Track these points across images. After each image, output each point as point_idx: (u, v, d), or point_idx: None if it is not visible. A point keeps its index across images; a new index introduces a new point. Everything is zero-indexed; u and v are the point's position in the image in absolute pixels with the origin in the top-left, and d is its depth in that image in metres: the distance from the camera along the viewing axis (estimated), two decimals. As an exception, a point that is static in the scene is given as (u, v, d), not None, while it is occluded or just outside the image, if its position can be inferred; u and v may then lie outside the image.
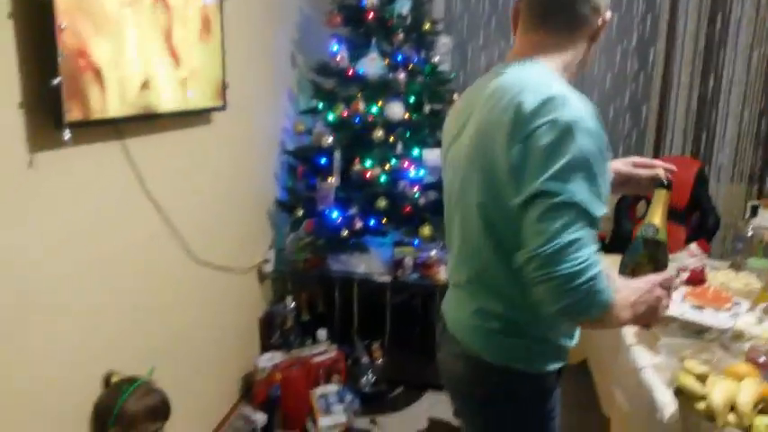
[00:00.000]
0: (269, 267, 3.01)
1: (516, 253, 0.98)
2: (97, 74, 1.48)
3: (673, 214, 2.99)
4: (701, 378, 1.11)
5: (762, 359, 1.29)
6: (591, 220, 0.95)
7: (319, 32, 3.24)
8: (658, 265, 1.15)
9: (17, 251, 1.37)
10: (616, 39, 3.63)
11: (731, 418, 1.05)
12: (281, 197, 3.15)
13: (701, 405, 1.08)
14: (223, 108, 2.27)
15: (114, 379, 1.72)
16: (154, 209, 1.94)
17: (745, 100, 3.50)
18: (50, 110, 1.36)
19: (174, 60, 1.87)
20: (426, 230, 2.88)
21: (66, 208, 1.54)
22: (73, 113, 1.38)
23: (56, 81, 1.32)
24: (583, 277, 0.92)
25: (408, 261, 2.91)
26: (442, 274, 2.90)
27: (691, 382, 1.08)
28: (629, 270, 1.15)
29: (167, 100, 1.85)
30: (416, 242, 2.96)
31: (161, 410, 1.69)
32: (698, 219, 3.00)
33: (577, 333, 1.20)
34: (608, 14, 1.16)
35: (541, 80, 1.02)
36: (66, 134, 1.36)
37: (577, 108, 0.97)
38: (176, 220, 2.07)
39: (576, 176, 0.93)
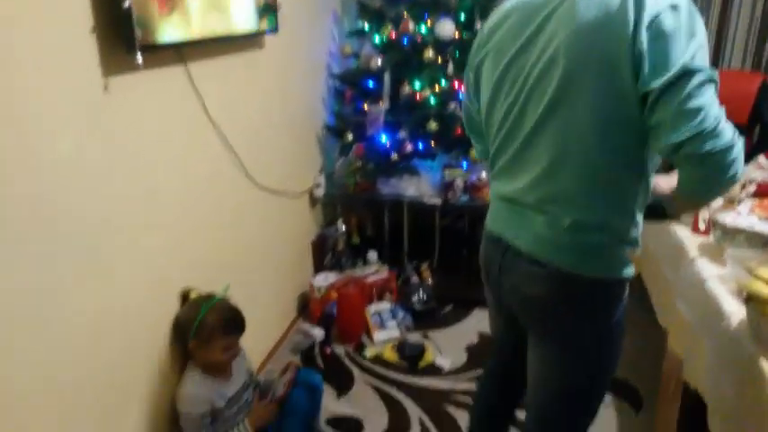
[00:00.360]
0: (320, 192, 3.07)
1: (661, 139, 0.99)
2: (160, -4, 1.49)
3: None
4: (771, 284, 1.13)
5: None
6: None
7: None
8: None
9: (99, 174, 1.44)
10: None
11: (803, 322, 1.07)
12: (330, 122, 3.17)
13: (773, 309, 1.10)
14: (275, 31, 2.26)
15: (192, 295, 1.83)
16: (215, 132, 1.99)
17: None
18: (122, 34, 1.38)
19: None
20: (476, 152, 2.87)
21: (140, 131, 1.59)
22: (142, 37, 1.40)
23: (127, 4, 1.33)
24: (738, 145, 0.98)
25: (459, 183, 2.93)
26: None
27: (762, 287, 1.10)
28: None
29: (224, 25, 1.86)
30: (466, 164, 2.96)
31: (237, 324, 1.80)
32: (760, 133, 2.88)
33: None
34: None
35: None
36: (139, 58, 1.39)
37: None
38: (235, 143, 2.12)
39: (704, 53, 0.98)
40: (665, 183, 1.22)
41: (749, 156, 2.82)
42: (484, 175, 2.90)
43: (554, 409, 1.29)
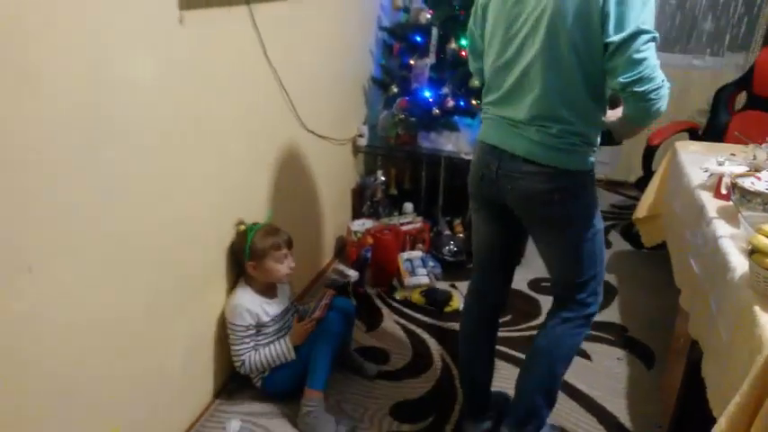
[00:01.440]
0: (363, 141, 3.20)
1: (615, 78, 1.37)
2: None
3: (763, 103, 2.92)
4: (775, 240, 1.22)
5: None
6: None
7: None
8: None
9: (170, 98, 1.61)
10: None
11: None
12: (376, 74, 3.27)
13: (772, 261, 1.19)
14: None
15: (242, 227, 2.02)
16: (271, 73, 2.13)
17: None
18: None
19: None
20: (516, 111, 2.94)
21: (207, 63, 1.74)
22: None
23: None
24: (665, 87, 1.37)
25: (496, 141, 3.00)
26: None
27: (764, 240, 1.20)
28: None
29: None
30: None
31: (285, 241, 1.99)
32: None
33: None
34: None
35: None
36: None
37: None
38: (288, 87, 2.26)
39: (652, 17, 1.35)
40: (612, 115, 1.61)
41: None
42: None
43: (576, 270, 1.69)
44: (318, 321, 2.02)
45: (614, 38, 1.34)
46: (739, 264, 1.36)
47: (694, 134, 3.14)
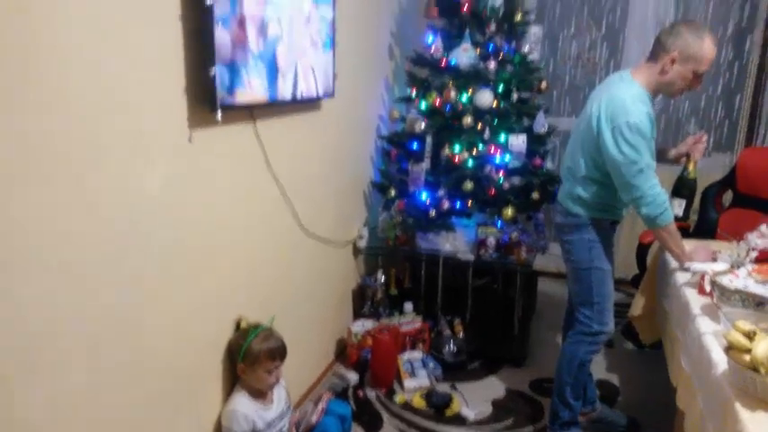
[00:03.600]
0: (363, 243, 3.30)
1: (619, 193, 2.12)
2: (244, 67, 1.80)
3: (759, 204, 3.01)
4: (749, 335, 1.25)
5: (820, 330, 1.40)
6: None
7: (415, 25, 3.48)
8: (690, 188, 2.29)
9: (177, 209, 1.72)
10: (712, 27, 3.61)
11: (775, 370, 1.19)
12: (375, 179, 3.43)
13: (747, 357, 1.22)
14: (332, 96, 2.57)
15: (243, 324, 2.06)
16: (274, 182, 2.27)
17: None
18: (206, 95, 1.69)
19: (298, 56, 2.18)
20: (509, 212, 3.06)
21: (213, 176, 1.88)
22: (223, 98, 1.71)
23: (213, 71, 1.64)
24: (660, 208, 2.03)
25: (491, 241, 3.10)
26: (524, 254, 3.07)
27: (737, 337, 1.23)
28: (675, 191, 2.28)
29: (291, 90, 2.16)
30: (499, 223, 3.14)
31: (279, 351, 2.01)
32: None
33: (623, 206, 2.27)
34: (674, 54, 2.01)
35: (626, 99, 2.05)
36: (219, 115, 1.68)
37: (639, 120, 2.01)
38: (290, 193, 2.39)
39: (645, 149, 2.01)
40: None
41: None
42: (515, 234, 3.07)
43: (576, 290, 2.36)
44: (314, 428, 2.01)
45: (608, 165, 2.09)
46: (721, 360, 1.38)
47: (685, 232, 3.21)
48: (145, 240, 1.60)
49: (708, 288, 1.76)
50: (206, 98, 1.69)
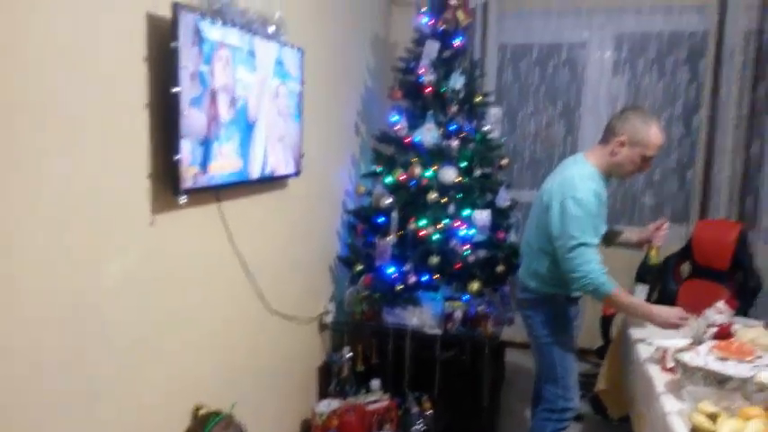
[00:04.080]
0: (329, 318, 3.26)
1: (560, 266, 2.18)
2: (208, 150, 1.82)
3: (716, 275, 3.10)
4: (712, 417, 1.26)
5: (780, 409, 1.42)
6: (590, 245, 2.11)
7: (381, 104, 3.59)
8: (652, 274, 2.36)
9: (138, 295, 1.68)
10: (661, 106, 3.83)
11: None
12: (342, 253, 3.43)
13: (712, 441, 1.22)
14: (299, 173, 2.60)
15: (202, 411, 1.98)
16: (238, 262, 2.25)
17: (790, 165, 3.59)
18: (170, 180, 1.69)
19: (264, 137, 2.22)
20: (475, 286, 3.08)
21: (175, 259, 1.85)
22: (187, 182, 1.71)
23: (177, 157, 1.65)
24: (596, 283, 2.08)
25: (458, 315, 3.10)
26: (490, 327, 3.08)
27: (701, 420, 1.24)
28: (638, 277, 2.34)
29: (256, 170, 2.19)
30: (466, 297, 3.15)
31: (239, 440, 1.93)
32: (740, 279, 3.07)
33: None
34: (623, 138, 2.13)
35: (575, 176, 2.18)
36: (183, 199, 1.68)
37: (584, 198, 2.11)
38: (255, 272, 2.37)
39: (584, 225, 2.10)
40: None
41: (733, 300, 3.00)
42: (481, 307, 3.08)
43: (540, 363, 2.43)
44: None
45: (553, 239, 2.18)
46: (686, 443, 1.38)
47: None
48: (100, 330, 1.55)
49: (670, 364, 1.78)
50: (170, 183, 1.69)
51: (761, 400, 1.51)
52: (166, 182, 1.70)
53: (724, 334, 1.87)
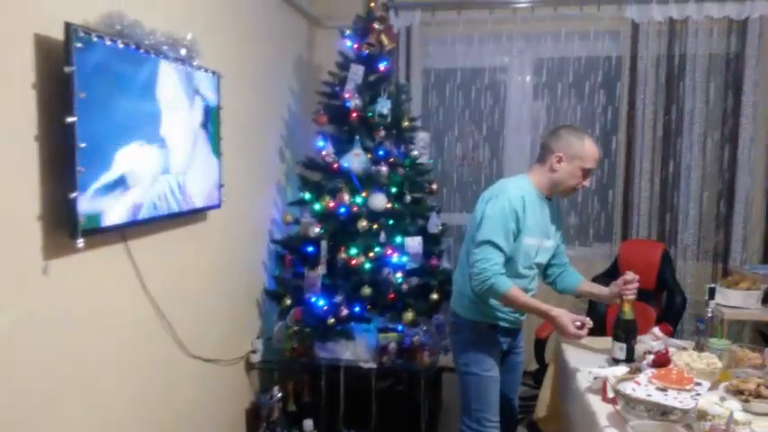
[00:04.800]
0: (256, 357, 3.07)
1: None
2: (109, 186, 1.63)
3: (643, 295, 3.15)
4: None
5: (722, 438, 1.40)
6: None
7: (306, 129, 3.47)
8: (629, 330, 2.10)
9: (33, 350, 1.46)
10: (581, 127, 3.91)
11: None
12: (269, 286, 3.26)
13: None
14: (218, 205, 2.43)
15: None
16: (151, 306, 2.04)
17: (703, 183, 3.75)
18: (66, 220, 1.49)
19: (176, 168, 2.04)
20: (409, 315, 2.99)
21: (75, 309, 1.64)
22: (86, 223, 1.52)
23: (73, 195, 1.46)
24: (487, 283, 2.02)
25: (393, 346, 3.00)
26: (426, 358, 2.99)
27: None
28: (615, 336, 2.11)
29: (169, 204, 2.00)
30: (400, 327, 3.06)
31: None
32: (666, 298, 3.15)
33: (509, 311, 2.20)
34: (560, 153, 2.12)
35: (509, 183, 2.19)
36: (80, 242, 1.48)
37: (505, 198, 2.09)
38: (171, 315, 2.16)
39: (493, 224, 2.06)
40: None
41: (658, 318, 3.06)
42: (417, 338, 2.99)
43: (460, 391, 2.30)
44: None
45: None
46: (636, 483, 1.32)
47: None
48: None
49: (611, 395, 1.74)
50: (66, 224, 1.49)
51: (703, 429, 1.49)
52: (61, 223, 1.50)
53: (662, 361, 1.85)
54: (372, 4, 3.21)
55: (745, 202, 3.68)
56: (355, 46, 3.17)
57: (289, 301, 3.09)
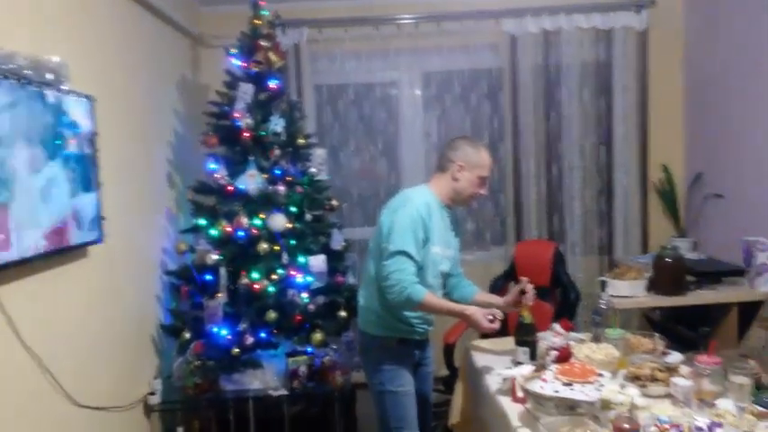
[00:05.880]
0: (156, 399, 2.86)
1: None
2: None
3: (539, 293, 3.28)
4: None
5: (625, 426, 1.46)
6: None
7: (195, 152, 3.31)
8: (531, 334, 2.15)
9: None
10: (471, 136, 4.05)
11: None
12: (165, 321, 3.05)
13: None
14: (99, 241, 2.24)
15: None
16: (30, 358, 1.83)
17: (584, 183, 4.00)
18: None
19: (45, 201, 1.85)
20: (318, 336, 2.92)
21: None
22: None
23: None
24: (401, 291, 2.03)
25: (303, 370, 2.92)
26: (339, 378, 2.93)
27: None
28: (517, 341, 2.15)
29: (37, 243, 1.81)
30: (310, 349, 2.98)
31: None
32: (561, 294, 3.31)
33: (418, 323, 2.22)
34: (461, 163, 2.20)
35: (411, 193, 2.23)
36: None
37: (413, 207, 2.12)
38: (53, 364, 1.95)
39: (402, 235, 2.07)
40: None
41: (555, 314, 3.21)
42: (327, 358, 2.93)
43: (377, 411, 2.26)
44: None
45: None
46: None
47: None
48: None
49: (520, 394, 1.78)
50: None
51: (610, 418, 1.55)
52: None
53: (564, 357, 1.93)
54: (258, 22, 3.14)
55: (623, 198, 3.97)
56: (243, 64, 3.08)
57: (188, 335, 2.92)
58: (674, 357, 2.07)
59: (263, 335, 2.93)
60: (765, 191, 3.13)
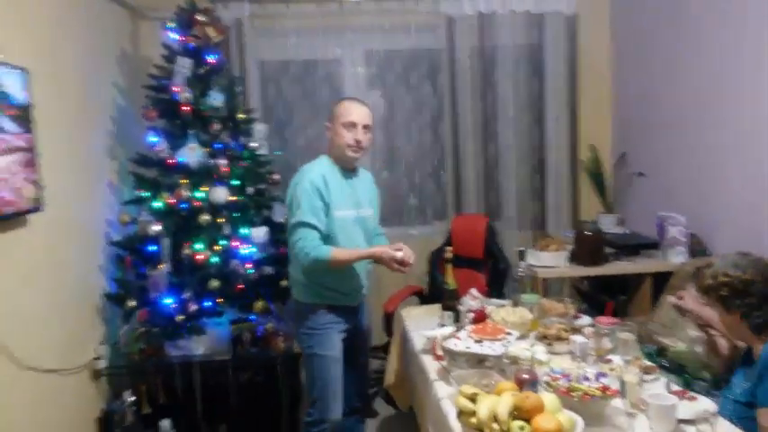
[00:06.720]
0: (102, 363, 2.94)
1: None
2: None
3: (473, 263, 3.49)
4: (473, 398, 1.42)
5: (525, 376, 1.66)
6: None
7: (137, 125, 3.33)
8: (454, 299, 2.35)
9: None
10: (412, 115, 4.20)
11: (495, 426, 1.37)
12: (110, 289, 3.11)
13: (474, 420, 1.38)
14: (38, 209, 2.28)
15: None
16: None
17: (519, 161, 4.19)
18: None
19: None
20: (260, 304, 3.05)
21: None
22: None
23: None
24: (303, 254, 2.19)
25: (246, 336, 3.04)
26: (281, 343, 3.07)
27: (463, 402, 1.39)
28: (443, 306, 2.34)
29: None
30: (253, 317, 3.10)
31: None
32: (491, 265, 3.53)
33: (344, 289, 2.37)
34: (327, 123, 2.37)
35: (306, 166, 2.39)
36: None
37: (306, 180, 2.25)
38: (-4, 329, 2.02)
39: (303, 207, 2.20)
40: None
41: (488, 283, 3.43)
42: (270, 325, 3.06)
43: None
44: None
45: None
46: (456, 426, 1.53)
47: (422, 296, 3.57)
48: None
49: (439, 352, 1.96)
50: None
51: (513, 372, 1.75)
52: None
53: (480, 318, 2.12)
54: (195, -5, 3.16)
55: (555, 176, 4.19)
56: (180, 38, 3.10)
57: (133, 303, 2.99)
58: (583, 321, 2.30)
59: (207, 303, 3.03)
60: (680, 170, 3.39)
